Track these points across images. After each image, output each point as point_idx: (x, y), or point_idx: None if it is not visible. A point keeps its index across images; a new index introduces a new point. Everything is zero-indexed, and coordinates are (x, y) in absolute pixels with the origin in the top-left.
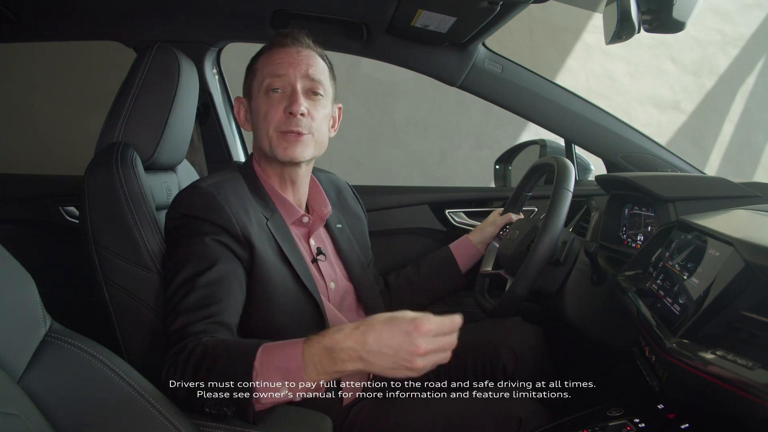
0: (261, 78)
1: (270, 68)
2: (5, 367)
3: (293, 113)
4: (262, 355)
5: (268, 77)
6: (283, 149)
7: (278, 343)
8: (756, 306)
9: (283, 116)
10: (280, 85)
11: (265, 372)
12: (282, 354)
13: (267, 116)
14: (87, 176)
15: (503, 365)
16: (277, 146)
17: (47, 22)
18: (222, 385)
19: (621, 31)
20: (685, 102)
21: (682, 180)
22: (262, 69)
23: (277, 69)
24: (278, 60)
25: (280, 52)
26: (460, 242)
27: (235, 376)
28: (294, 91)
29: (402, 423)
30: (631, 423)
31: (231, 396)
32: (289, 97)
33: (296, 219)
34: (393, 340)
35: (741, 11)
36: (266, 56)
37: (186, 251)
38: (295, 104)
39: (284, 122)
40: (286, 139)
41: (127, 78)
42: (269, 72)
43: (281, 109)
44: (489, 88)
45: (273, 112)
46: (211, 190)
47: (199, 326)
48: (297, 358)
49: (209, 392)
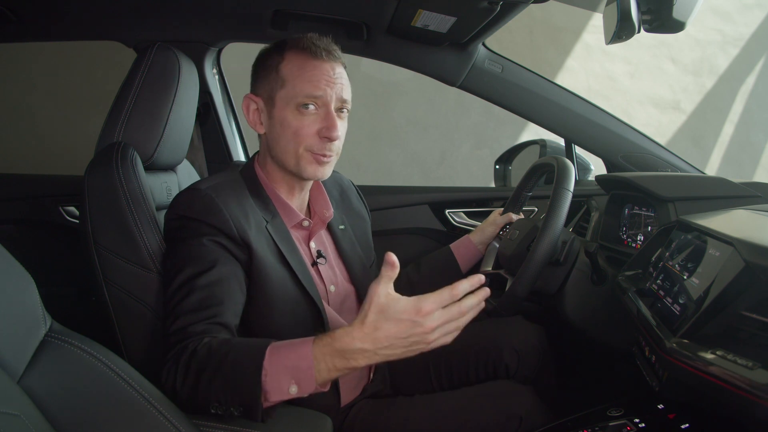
0: (292, 91)
1: (304, 85)
2: (5, 367)
3: (331, 139)
4: (271, 354)
5: (302, 94)
6: (312, 170)
7: (286, 343)
8: (756, 306)
9: (317, 139)
10: (314, 102)
11: (274, 371)
12: (292, 354)
13: (299, 134)
14: (87, 176)
15: (506, 365)
16: (306, 166)
17: (47, 22)
18: (230, 385)
19: (621, 31)
20: (685, 102)
21: (682, 180)
22: (293, 81)
23: (313, 88)
24: (314, 77)
25: (315, 67)
26: (461, 242)
27: (245, 375)
28: (329, 113)
29: (402, 423)
30: (631, 423)
31: (240, 396)
32: (325, 119)
33: (297, 222)
34: (401, 331)
35: (741, 11)
36: (297, 66)
37: (185, 252)
38: (334, 129)
39: (317, 145)
40: (317, 161)
41: (127, 78)
42: (304, 89)
43: (314, 129)
44: (489, 88)
45: (306, 131)
46: (210, 192)
47: (199, 327)
48: (308, 358)
49: (216, 392)
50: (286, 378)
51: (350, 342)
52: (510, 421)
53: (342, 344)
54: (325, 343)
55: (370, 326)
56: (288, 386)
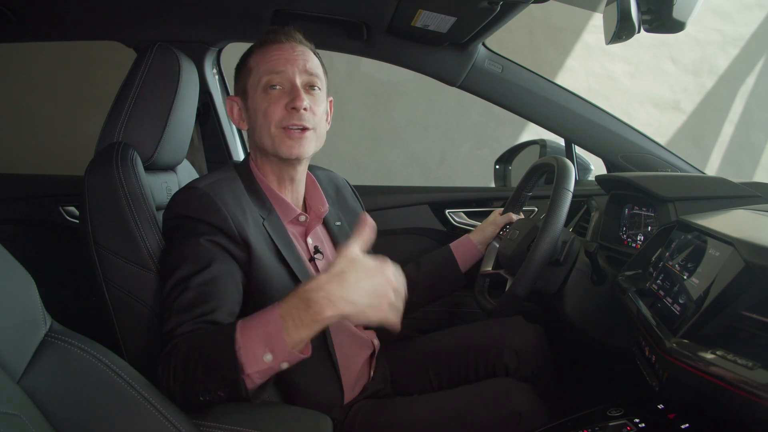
0: (257, 76)
1: (267, 65)
2: (5, 367)
3: (296, 108)
4: (242, 327)
5: (265, 75)
6: (287, 147)
7: (255, 314)
8: (756, 306)
9: (285, 112)
10: (279, 82)
11: (247, 343)
12: (260, 320)
13: (267, 113)
14: (87, 176)
15: (505, 365)
16: (280, 144)
17: (47, 22)
18: (210, 367)
19: (621, 31)
20: (685, 102)
21: (682, 180)
22: (258, 67)
23: (274, 65)
24: (274, 57)
25: (275, 49)
26: (461, 242)
27: (220, 354)
28: (294, 86)
29: (402, 422)
30: (631, 423)
31: (221, 376)
32: (290, 92)
33: (293, 218)
34: (366, 277)
35: (741, 11)
36: (260, 54)
37: (181, 252)
38: (298, 99)
39: (287, 117)
40: (289, 136)
41: (127, 78)
42: (267, 69)
43: (282, 105)
44: (489, 88)
45: (274, 108)
46: (207, 191)
47: (190, 326)
48: (275, 320)
49: (201, 380)
50: (259, 346)
51: (316, 285)
52: (510, 419)
53: (307, 290)
54: (290, 298)
55: (336, 271)
56: (262, 354)
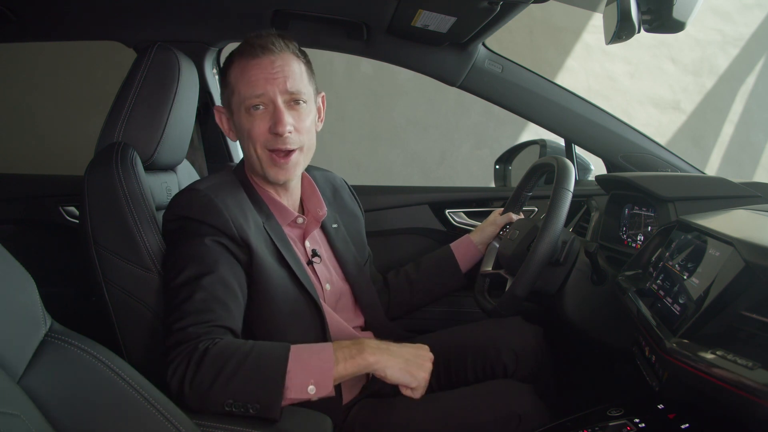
0: (238, 96)
1: (246, 88)
2: (5, 367)
3: (279, 134)
4: (295, 354)
5: (247, 98)
6: (274, 173)
7: (306, 346)
8: (756, 306)
9: (269, 135)
10: (260, 102)
11: (297, 371)
12: (313, 351)
13: (251, 135)
14: (87, 176)
15: (504, 365)
16: (267, 168)
17: (47, 22)
18: (252, 383)
19: (621, 31)
20: (685, 102)
21: (682, 180)
22: (238, 87)
23: (254, 89)
24: (253, 77)
25: (253, 67)
26: (461, 242)
27: (269, 374)
28: (276, 108)
29: (402, 423)
30: (631, 423)
31: (261, 393)
32: (273, 115)
33: (291, 221)
34: (409, 350)
35: (741, 11)
36: (239, 71)
37: (186, 252)
38: (280, 124)
39: (271, 141)
40: (275, 163)
41: (127, 78)
42: (247, 92)
43: (265, 128)
44: (489, 88)
45: (257, 131)
46: (209, 193)
47: (204, 328)
48: (329, 355)
49: (234, 390)
50: (308, 376)
51: (368, 341)
52: (509, 420)
53: (362, 339)
54: (345, 344)
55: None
56: (308, 385)
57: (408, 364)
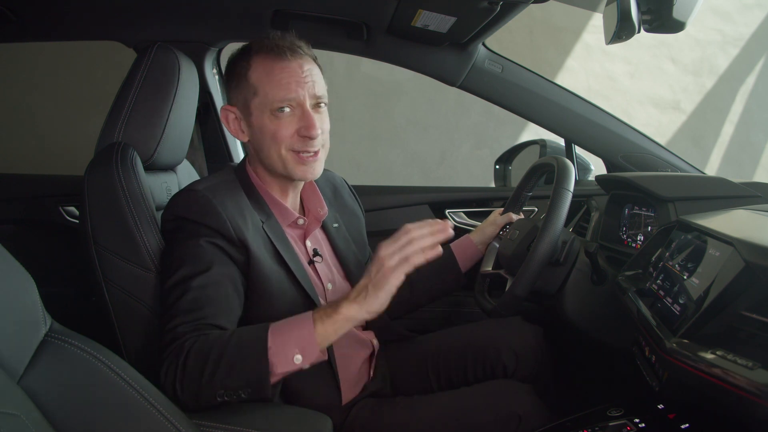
0: (265, 98)
1: (275, 90)
2: (5, 367)
3: (311, 137)
4: (273, 329)
5: (275, 100)
6: (301, 171)
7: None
8: (756, 306)
9: (296, 137)
10: (288, 105)
11: (279, 344)
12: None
13: (277, 137)
14: (87, 176)
15: (504, 365)
16: (293, 168)
17: (47, 22)
18: (236, 367)
19: (621, 31)
20: (685, 102)
21: (682, 180)
22: (264, 88)
23: (285, 92)
24: (283, 79)
25: (282, 69)
26: (461, 242)
27: (250, 353)
28: (305, 112)
29: (402, 423)
30: (631, 423)
31: (247, 376)
32: (300, 118)
33: (292, 221)
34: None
35: (741, 11)
36: (264, 71)
37: (181, 253)
38: (313, 129)
39: (299, 143)
40: (303, 162)
41: (127, 78)
42: (276, 94)
43: (293, 130)
44: (489, 88)
45: (284, 133)
46: (207, 194)
47: (191, 326)
48: (308, 323)
49: (222, 379)
50: (291, 347)
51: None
52: (509, 421)
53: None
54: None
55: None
56: (293, 355)
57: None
